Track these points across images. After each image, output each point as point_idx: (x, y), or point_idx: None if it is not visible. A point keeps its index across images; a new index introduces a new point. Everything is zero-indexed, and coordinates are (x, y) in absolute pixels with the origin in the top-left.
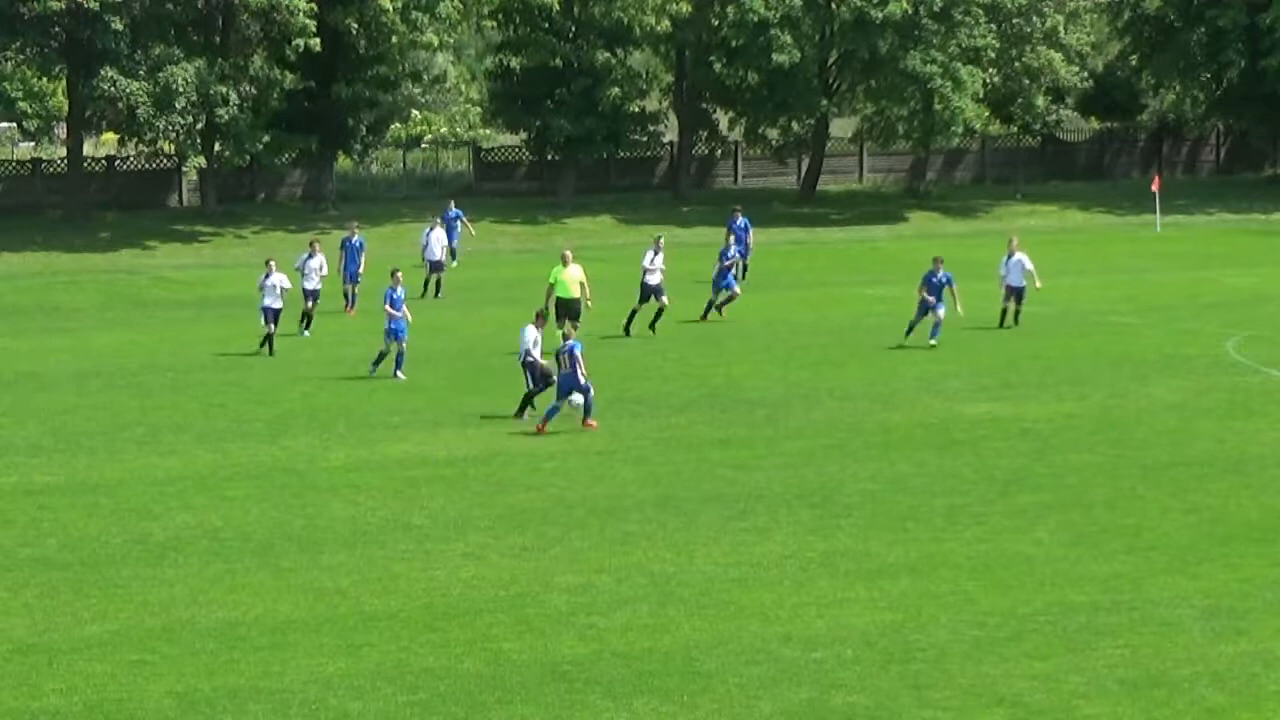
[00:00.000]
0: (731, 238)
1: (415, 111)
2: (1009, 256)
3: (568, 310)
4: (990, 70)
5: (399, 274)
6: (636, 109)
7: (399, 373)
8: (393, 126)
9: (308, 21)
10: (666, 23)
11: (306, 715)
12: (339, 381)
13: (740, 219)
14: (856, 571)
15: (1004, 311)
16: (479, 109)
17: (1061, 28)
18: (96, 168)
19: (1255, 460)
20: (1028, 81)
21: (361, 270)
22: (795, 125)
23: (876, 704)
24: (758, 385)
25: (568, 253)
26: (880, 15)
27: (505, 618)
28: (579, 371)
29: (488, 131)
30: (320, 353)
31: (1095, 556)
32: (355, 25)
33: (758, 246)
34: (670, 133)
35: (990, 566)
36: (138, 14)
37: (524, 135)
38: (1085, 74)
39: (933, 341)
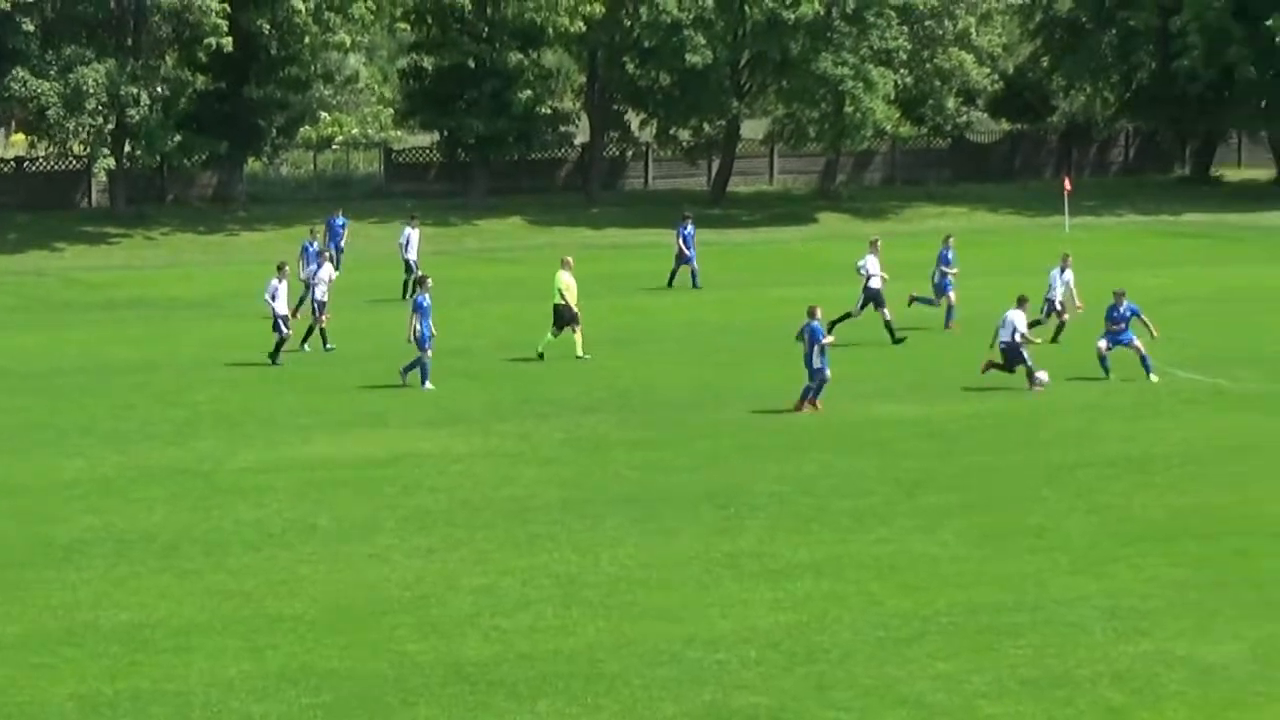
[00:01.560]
0: (681, 242)
1: (325, 113)
2: (1060, 270)
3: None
4: (901, 72)
5: (428, 280)
6: (548, 110)
7: (426, 384)
8: (303, 128)
9: (220, 22)
10: (580, 24)
11: (209, 718)
12: (249, 384)
13: (689, 226)
14: (761, 572)
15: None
16: (391, 110)
17: (973, 30)
18: (5, 169)
19: (1160, 460)
20: (939, 83)
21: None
22: (706, 126)
23: (780, 705)
24: (667, 386)
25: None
26: (792, 17)
27: (410, 619)
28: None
29: (399, 133)
30: (234, 355)
31: (1000, 557)
32: (267, 26)
33: (669, 247)
34: (582, 134)
35: (895, 567)
36: (49, 15)
37: (436, 136)
38: (996, 76)
39: (1153, 378)
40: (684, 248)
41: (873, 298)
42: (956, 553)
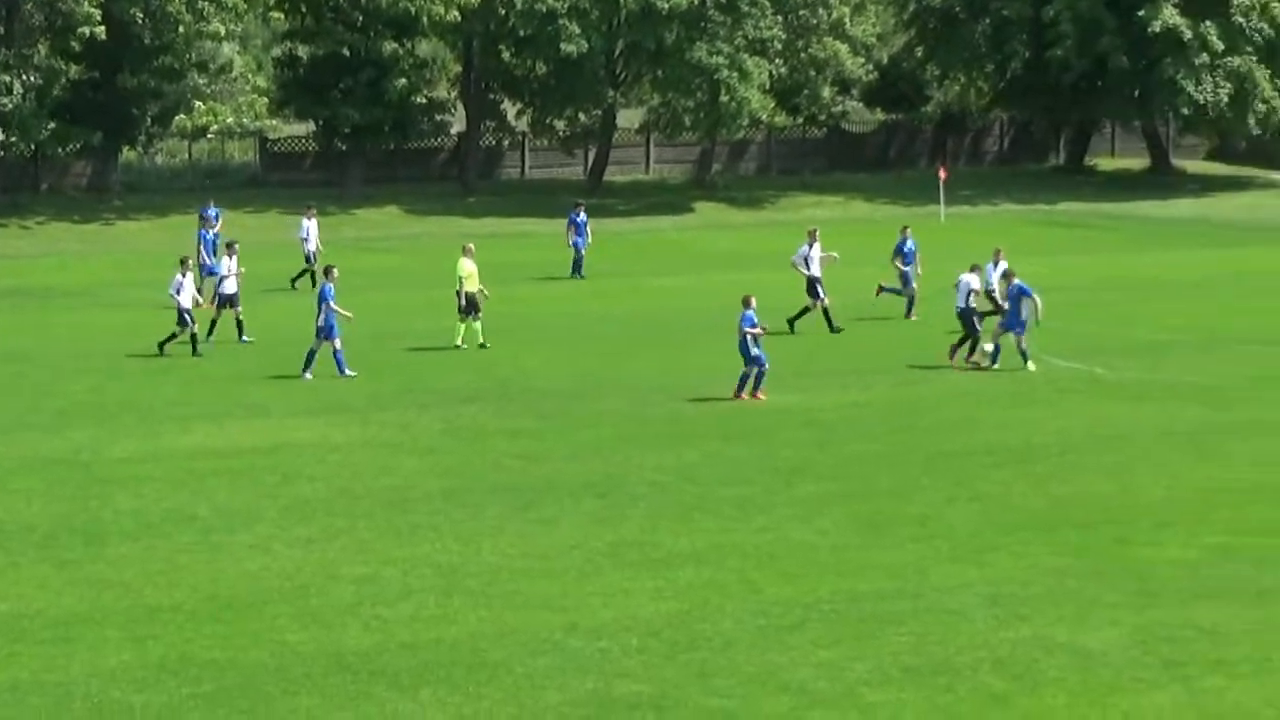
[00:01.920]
0: (573, 230)
1: (200, 103)
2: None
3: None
4: (777, 62)
5: (334, 270)
6: (424, 99)
7: (307, 373)
8: (178, 117)
9: (93, 11)
10: (455, 12)
11: (89, 709)
12: (128, 374)
13: (581, 214)
14: (643, 561)
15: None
16: (266, 99)
17: (847, 19)
18: None
19: (1039, 449)
20: (814, 73)
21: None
22: (582, 116)
23: (661, 693)
24: (546, 376)
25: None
26: (667, 6)
27: (290, 609)
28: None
29: (274, 122)
30: (111, 344)
31: (881, 545)
32: (141, 15)
33: (546, 237)
34: (458, 123)
35: (776, 555)
36: None
37: (311, 126)
38: (871, 65)
39: (1030, 366)
40: (576, 235)
41: (810, 287)
42: (837, 541)
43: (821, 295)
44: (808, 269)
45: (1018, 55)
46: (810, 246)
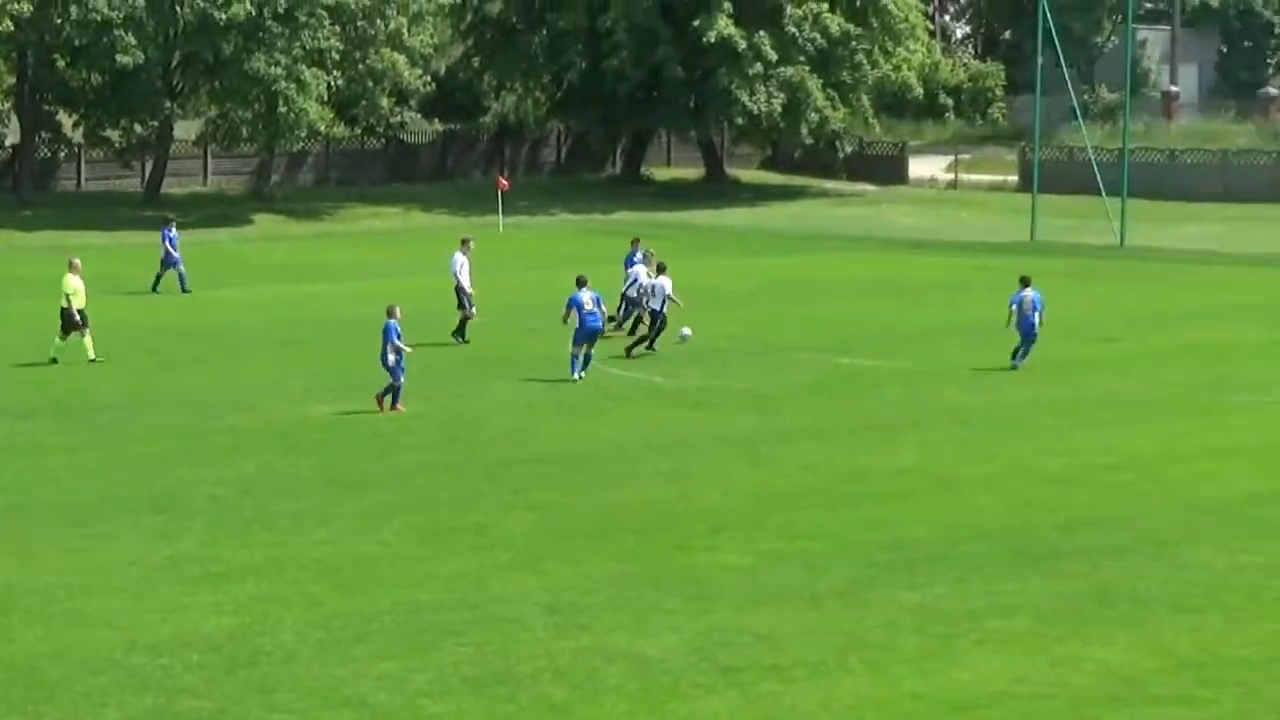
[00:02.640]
0: (167, 245)
1: None
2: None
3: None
4: (335, 73)
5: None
6: None
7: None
8: None
9: None
10: (8, 22)
11: None
12: None
13: (173, 229)
14: (203, 576)
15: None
16: None
17: (405, 30)
18: None
19: (595, 457)
20: (372, 84)
21: None
22: (139, 127)
23: (222, 709)
24: (102, 391)
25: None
26: (224, 17)
27: None
28: None
29: None
30: None
31: (440, 555)
32: None
33: (104, 250)
34: (12, 134)
35: (336, 568)
36: None
37: None
38: (428, 76)
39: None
40: (170, 250)
41: (457, 292)
42: (397, 552)
43: (468, 306)
44: (459, 277)
45: (574, 66)
46: (464, 254)
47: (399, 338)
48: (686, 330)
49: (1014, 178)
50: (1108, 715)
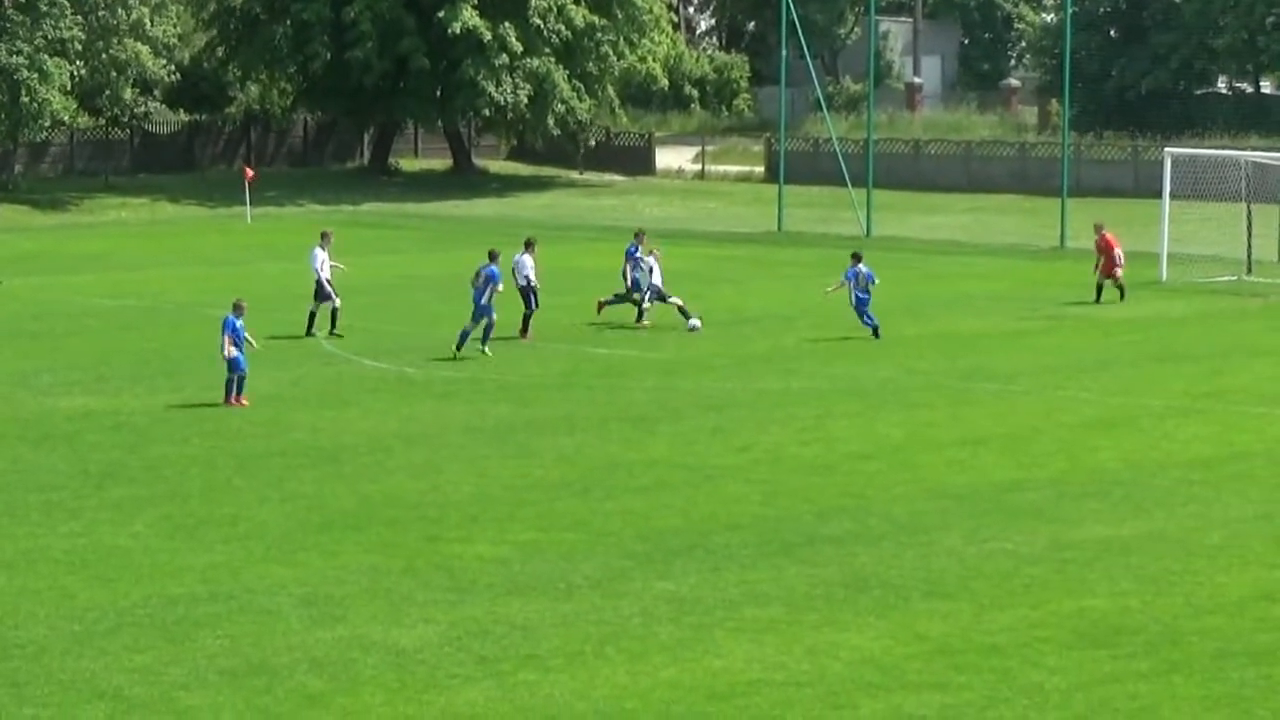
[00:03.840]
0: None
1: None
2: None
3: None
4: (78, 63)
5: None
6: None
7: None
8: None
9: None
10: None
11: None
12: None
13: None
14: None
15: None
16: None
17: (148, 20)
18: None
19: (349, 448)
20: (115, 74)
21: None
22: None
23: None
24: None
25: None
26: None
27: None
28: None
29: None
30: None
31: (193, 548)
32: None
33: None
34: None
35: (88, 561)
36: None
37: None
38: (173, 66)
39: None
40: None
41: (317, 291)
42: (149, 544)
43: (332, 296)
44: (320, 271)
45: (319, 56)
46: (324, 249)
47: (238, 331)
48: (696, 321)
49: (761, 169)
50: (864, 701)
